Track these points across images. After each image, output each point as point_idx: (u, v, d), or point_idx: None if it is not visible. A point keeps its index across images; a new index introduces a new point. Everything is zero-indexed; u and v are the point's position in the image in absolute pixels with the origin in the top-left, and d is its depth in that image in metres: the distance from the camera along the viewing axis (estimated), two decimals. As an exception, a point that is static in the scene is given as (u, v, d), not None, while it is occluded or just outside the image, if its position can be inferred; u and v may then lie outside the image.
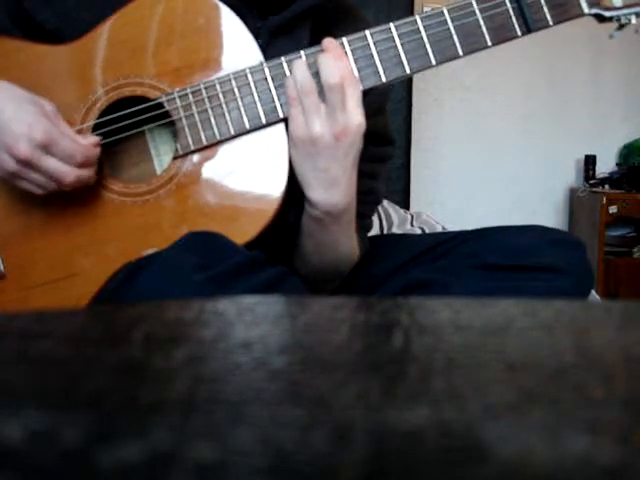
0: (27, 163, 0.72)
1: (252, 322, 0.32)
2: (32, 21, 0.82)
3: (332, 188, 0.76)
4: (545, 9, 0.76)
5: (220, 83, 0.77)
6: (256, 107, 0.77)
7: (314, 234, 0.82)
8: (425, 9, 2.90)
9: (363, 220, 0.90)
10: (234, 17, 0.77)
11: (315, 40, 0.83)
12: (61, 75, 0.80)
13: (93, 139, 0.76)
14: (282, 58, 0.76)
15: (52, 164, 0.73)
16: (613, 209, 2.90)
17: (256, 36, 0.79)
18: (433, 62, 0.76)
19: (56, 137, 0.73)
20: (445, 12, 0.76)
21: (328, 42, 0.76)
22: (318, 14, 0.84)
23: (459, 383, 0.24)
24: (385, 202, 1.62)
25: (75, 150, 0.73)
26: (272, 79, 0.76)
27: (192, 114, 0.77)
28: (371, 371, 0.25)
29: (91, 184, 0.77)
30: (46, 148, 0.72)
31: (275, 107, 0.76)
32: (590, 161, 3.11)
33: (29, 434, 0.18)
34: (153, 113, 0.78)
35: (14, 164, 0.72)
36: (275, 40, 0.82)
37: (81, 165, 0.74)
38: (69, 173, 0.73)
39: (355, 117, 0.73)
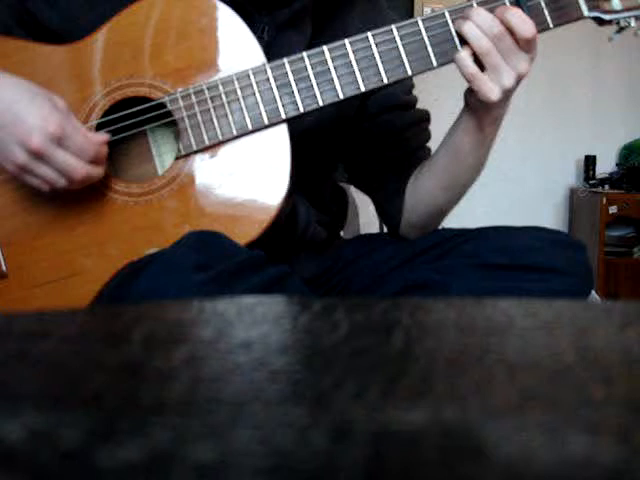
0: (39, 155, 0.71)
1: (252, 322, 0.32)
2: (35, 21, 0.82)
3: (507, 100, 0.78)
4: (545, 12, 0.76)
5: (223, 84, 0.77)
6: (258, 108, 0.77)
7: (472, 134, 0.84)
8: (425, 9, 2.90)
9: None
10: (236, 18, 0.77)
11: (317, 30, 0.83)
12: (64, 75, 0.80)
13: (102, 137, 0.76)
14: (284, 59, 0.76)
15: (64, 158, 0.72)
16: (613, 209, 2.90)
17: (262, 32, 0.79)
18: (434, 64, 0.76)
19: (69, 131, 0.73)
20: (446, 14, 0.76)
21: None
22: (318, 3, 0.84)
23: (459, 383, 0.24)
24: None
25: (87, 145, 0.73)
26: (274, 79, 0.76)
27: (195, 114, 0.77)
28: (371, 371, 0.25)
29: (96, 184, 0.77)
30: (59, 141, 0.72)
31: (277, 107, 0.76)
32: (590, 161, 3.11)
33: (29, 434, 0.18)
34: (155, 113, 0.78)
35: (25, 156, 0.72)
36: (281, 34, 0.82)
37: (92, 161, 0.74)
38: (80, 168, 0.73)
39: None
